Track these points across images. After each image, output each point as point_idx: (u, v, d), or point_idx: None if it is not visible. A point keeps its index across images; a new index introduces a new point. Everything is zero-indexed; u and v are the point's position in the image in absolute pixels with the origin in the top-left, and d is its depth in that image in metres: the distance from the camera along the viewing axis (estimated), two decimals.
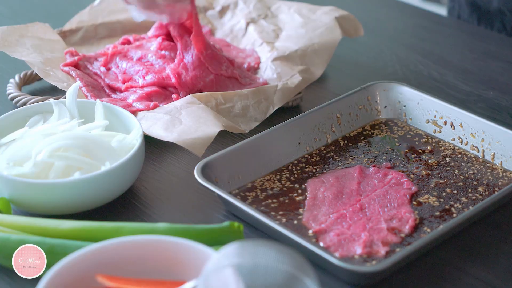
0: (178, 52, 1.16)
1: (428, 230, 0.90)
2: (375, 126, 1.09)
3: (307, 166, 1.01)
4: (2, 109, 1.13)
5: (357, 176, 0.98)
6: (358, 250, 0.87)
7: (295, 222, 0.92)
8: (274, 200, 0.95)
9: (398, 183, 0.97)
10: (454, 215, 0.93)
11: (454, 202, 0.95)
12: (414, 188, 0.96)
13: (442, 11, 1.69)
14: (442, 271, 0.87)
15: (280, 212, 0.93)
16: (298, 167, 1.01)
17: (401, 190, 0.96)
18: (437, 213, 0.93)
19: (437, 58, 1.30)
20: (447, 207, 0.94)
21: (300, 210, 0.93)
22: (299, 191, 0.97)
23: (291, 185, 0.98)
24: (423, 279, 0.86)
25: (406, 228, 0.90)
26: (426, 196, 0.95)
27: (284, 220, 0.92)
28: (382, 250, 0.87)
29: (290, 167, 1.01)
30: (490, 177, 0.99)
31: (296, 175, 0.99)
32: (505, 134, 1.01)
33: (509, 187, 0.93)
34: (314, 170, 1.00)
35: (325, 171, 1.00)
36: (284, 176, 0.99)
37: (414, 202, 0.94)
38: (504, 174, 0.99)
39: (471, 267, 0.87)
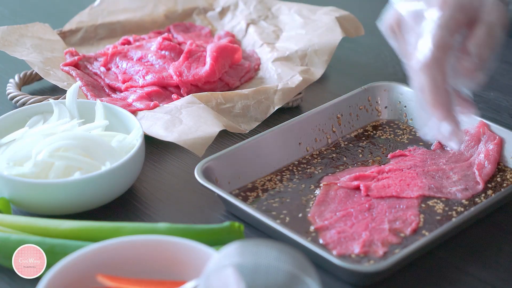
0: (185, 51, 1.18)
1: (427, 233, 0.89)
2: (378, 127, 1.09)
3: (308, 167, 1.01)
4: (2, 109, 1.13)
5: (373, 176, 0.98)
6: (356, 249, 0.87)
7: (300, 216, 0.92)
8: (276, 199, 0.95)
9: (410, 184, 0.96)
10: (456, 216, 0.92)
11: (457, 203, 0.94)
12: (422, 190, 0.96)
13: None
14: (443, 271, 0.86)
15: (284, 211, 0.93)
16: (299, 168, 1.01)
17: (411, 193, 0.95)
18: (438, 217, 0.92)
19: None
20: (450, 209, 0.94)
21: (304, 209, 0.93)
22: (301, 191, 0.96)
23: (293, 185, 0.98)
24: (424, 279, 0.86)
25: (408, 230, 0.90)
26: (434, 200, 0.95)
27: (288, 219, 0.92)
28: (381, 251, 0.87)
29: (291, 168, 1.01)
30: None
31: (297, 176, 0.99)
32: (505, 134, 1.01)
33: (509, 187, 0.93)
34: (315, 172, 1.00)
35: (339, 170, 1.00)
36: (285, 176, 0.99)
37: (423, 205, 0.94)
38: None
39: (472, 268, 0.87)
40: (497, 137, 1.00)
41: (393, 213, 0.92)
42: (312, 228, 0.90)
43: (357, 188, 0.96)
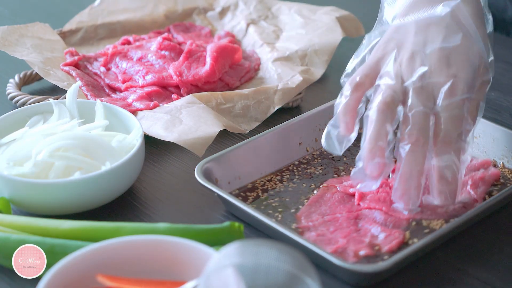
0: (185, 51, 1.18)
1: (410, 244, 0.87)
2: None
3: (308, 167, 1.01)
4: (2, 109, 1.13)
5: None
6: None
7: (292, 211, 0.92)
8: (276, 199, 0.95)
9: None
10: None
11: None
12: None
13: None
14: (443, 272, 0.86)
15: (281, 210, 0.93)
16: (299, 168, 1.01)
17: (401, 214, 0.91)
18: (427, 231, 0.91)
19: None
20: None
21: (298, 206, 0.93)
22: (301, 191, 0.96)
23: (293, 185, 0.97)
24: (424, 279, 0.85)
25: (386, 248, 0.86)
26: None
27: (280, 216, 0.92)
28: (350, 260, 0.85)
29: (291, 168, 1.01)
30: None
31: (297, 176, 0.99)
32: (506, 134, 1.00)
33: (510, 188, 0.93)
34: (316, 172, 1.00)
35: (340, 171, 0.99)
36: (285, 176, 0.99)
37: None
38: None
39: (472, 268, 0.87)
40: (496, 173, 0.97)
41: (378, 228, 0.89)
42: (294, 226, 0.90)
43: (354, 195, 0.95)
